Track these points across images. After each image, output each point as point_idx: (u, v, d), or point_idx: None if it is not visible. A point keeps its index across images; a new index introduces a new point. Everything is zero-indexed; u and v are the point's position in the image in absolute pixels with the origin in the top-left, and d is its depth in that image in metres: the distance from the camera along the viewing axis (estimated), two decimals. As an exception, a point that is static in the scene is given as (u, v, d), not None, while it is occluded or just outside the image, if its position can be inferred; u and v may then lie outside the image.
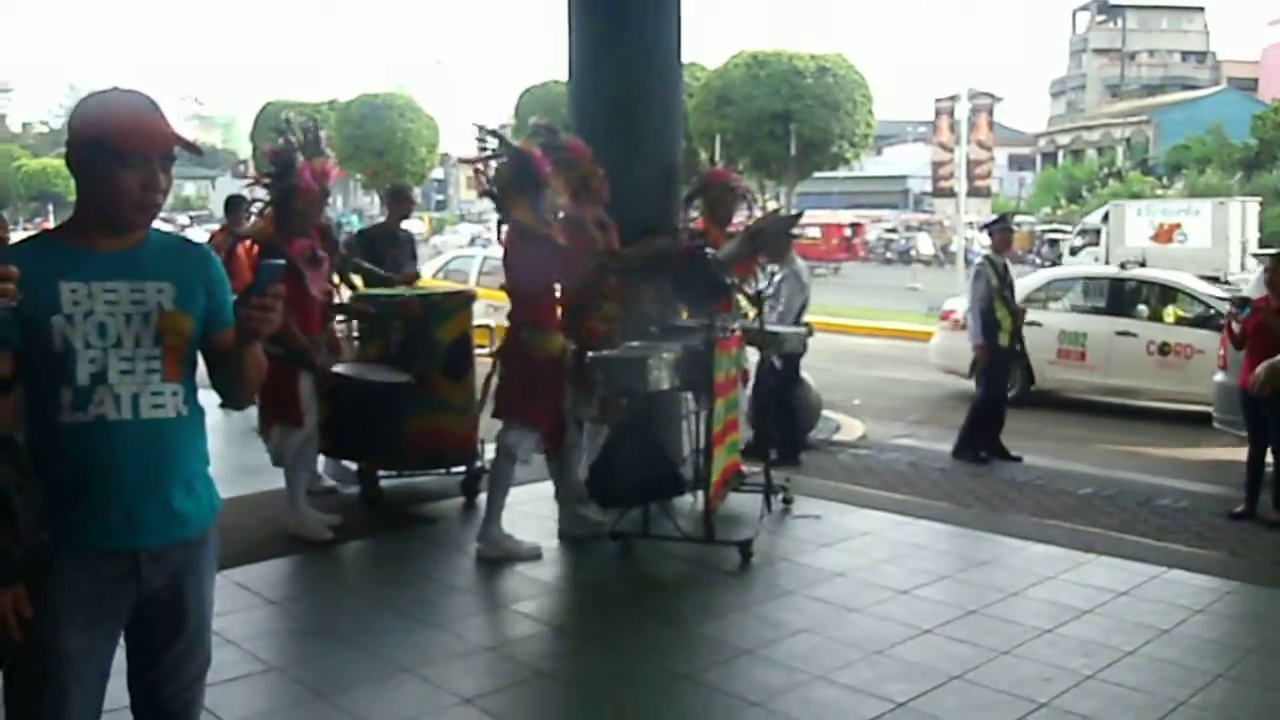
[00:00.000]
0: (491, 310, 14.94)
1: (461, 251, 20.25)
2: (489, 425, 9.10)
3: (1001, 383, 10.29)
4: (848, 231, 44.51)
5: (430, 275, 17.10)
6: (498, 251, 7.34)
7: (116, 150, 2.73)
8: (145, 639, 2.96)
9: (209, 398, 8.56)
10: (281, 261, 3.03)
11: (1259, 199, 35.63)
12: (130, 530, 2.83)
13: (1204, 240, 31.25)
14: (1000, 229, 10.40)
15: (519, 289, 6.65)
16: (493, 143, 6.68)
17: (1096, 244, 33.77)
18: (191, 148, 2.93)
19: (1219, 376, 9.71)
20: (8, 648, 2.76)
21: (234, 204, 11.75)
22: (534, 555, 6.61)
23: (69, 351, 2.75)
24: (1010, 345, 10.13)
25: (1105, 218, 34.21)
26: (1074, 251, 35.45)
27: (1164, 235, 31.03)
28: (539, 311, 6.63)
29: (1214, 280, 30.65)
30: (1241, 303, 8.58)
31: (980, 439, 10.09)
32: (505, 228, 6.65)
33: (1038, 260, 41.61)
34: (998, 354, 10.06)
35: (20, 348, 2.75)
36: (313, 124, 7.81)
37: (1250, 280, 13.06)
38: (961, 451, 10.05)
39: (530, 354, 6.51)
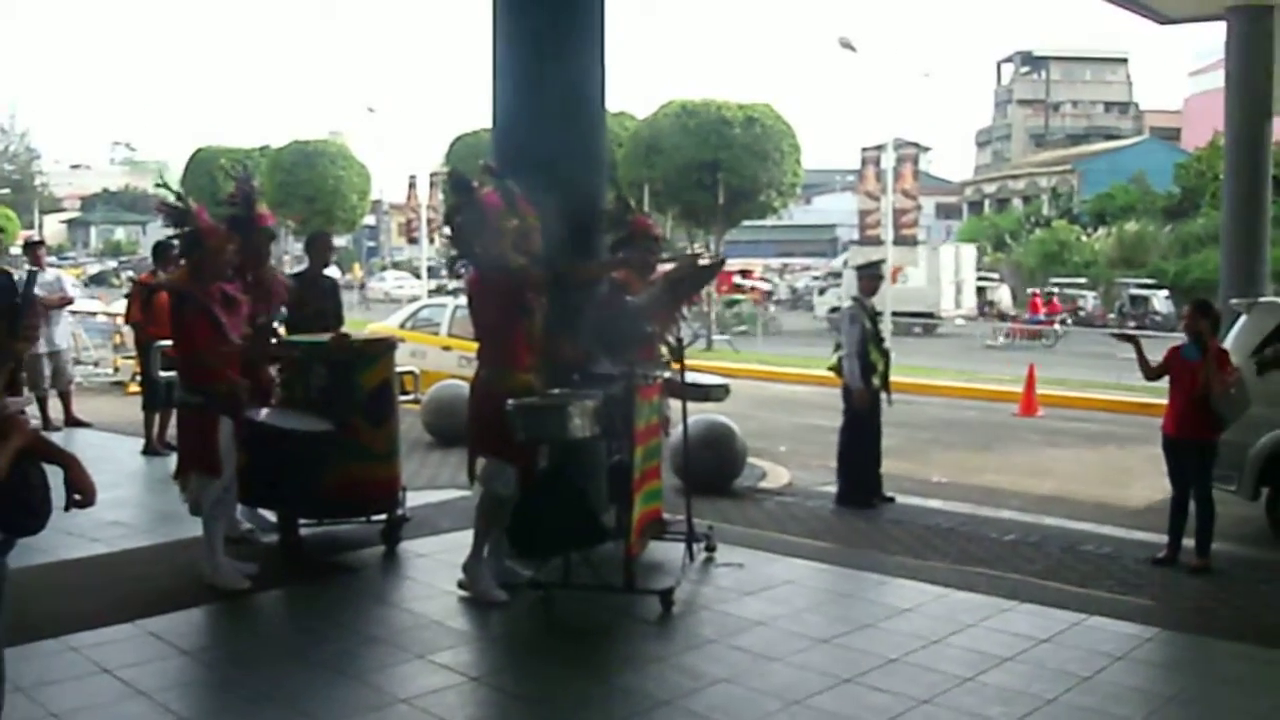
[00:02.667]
0: (464, 362, 14.80)
1: (431, 301, 19.99)
2: (411, 473, 9.07)
3: (875, 424, 10.25)
4: (737, 278, 45.33)
5: (398, 325, 16.98)
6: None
7: None
8: None
9: (130, 445, 8.46)
10: (32, 270, 3.03)
11: (976, 243, 41.47)
12: None
13: (920, 280, 36.43)
14: (870, 273, 10.49)
15: (484, 329, 6.71)
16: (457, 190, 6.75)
17: (839, 285, 38.96)
18: None
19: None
20: None
21: (162, 250, 11.67)
22: (499, 601, 6.60)
23: None
24: (881, 387, 10.18)
25: (845, 262, 39.43)
26: (821, 292, 42.27)
27: (892, 276, 33.22)
28: (503, 351, 6.59)
29: (930, 316, 34.24)
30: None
31: (864, 482, 10.14)
32: (468, 269, 6.68)
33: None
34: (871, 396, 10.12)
35: None
36: (244, 170, 7.84)
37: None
38: (855, 499, 10.07)
39: (494, 392, 6.46)
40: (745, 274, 48.03)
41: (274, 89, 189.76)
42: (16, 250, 11.70)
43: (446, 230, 6.93)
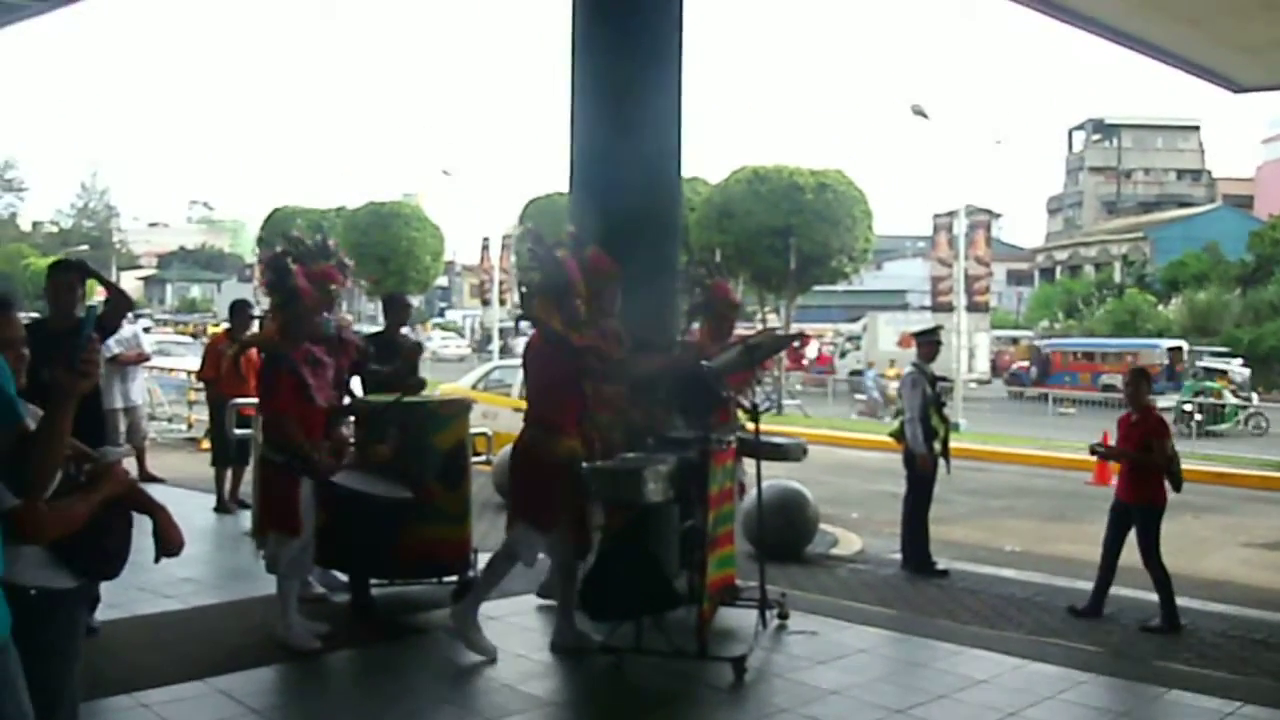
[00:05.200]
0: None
1: (503, 362, 20.10)
2: (482, 534, 9.08)
3: (930, 492, 10.19)
4: (794, 343, 45.07)
5: (470, 386, 17.12)
6: None
7: None
8: None
9: (202, 501, 8.54)
10: (96, 305, 3.05)
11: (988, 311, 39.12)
12: None
13: None
14: (927, 340, 10.47)
15: (537, 390, 6.77)
16: (536, 249, 6.79)
17: (859, 349, 41.63)
18: None
19: None
20: None
21: (239, 309, 11.83)
22: (487, 656, 6.60)
23: None
24: (941, 453, 10.11)
25: (865, 328, 41.88)
26: (843, 354, 43.99)
27: (906, 341, 34.00)
28: (552, 413, 6.64)
29: (944, 379, 33.95)
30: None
31: (923, 548, 10.06)
32: (532, 330, 6.77)
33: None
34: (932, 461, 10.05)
35: None
36: (321, 231, 7.93)
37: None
38: (919, 565, 9.98)
39: (537, 455, 6.52)
40: (802, 339, 47.65)
41: (351, 151, 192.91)
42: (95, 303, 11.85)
43: (522, 288, 6.97)
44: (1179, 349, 36.54)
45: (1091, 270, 64.59)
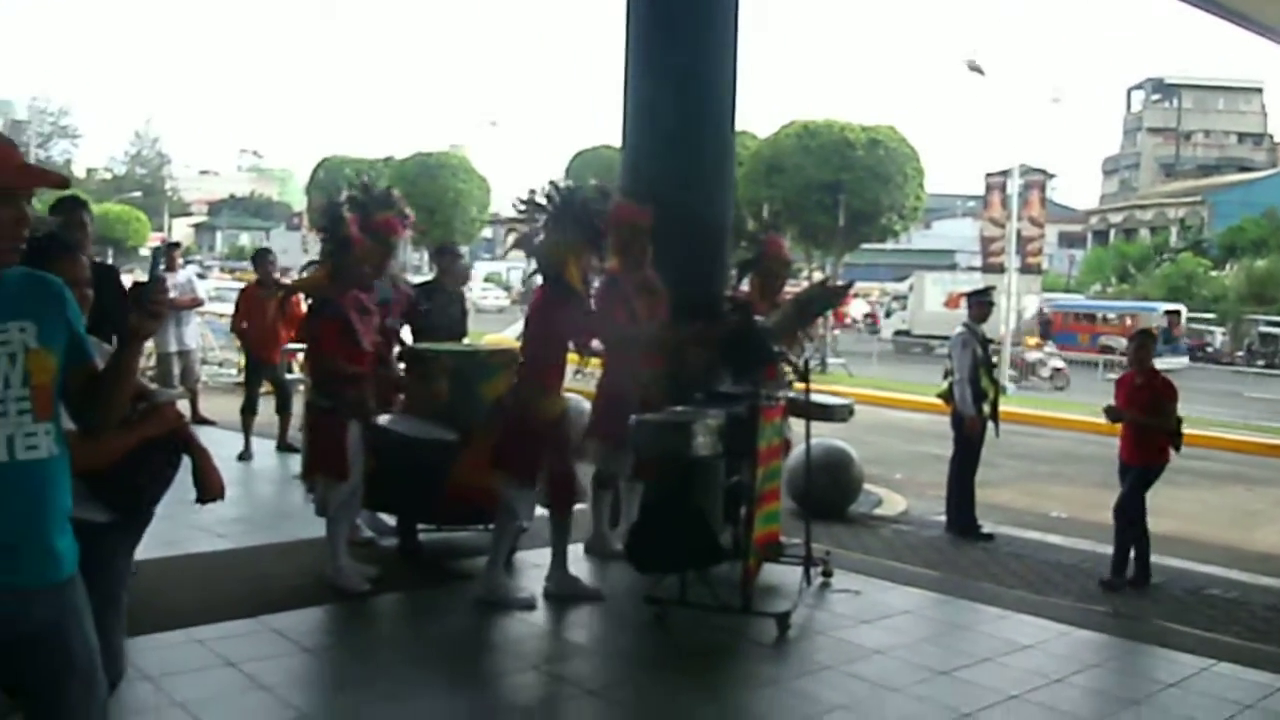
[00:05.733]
0: (577, 376, 14.90)
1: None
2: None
3: (978, 454, 10.10)
4: (846, 295, 44.47)
5: (515, 337, 17.26)
6: None
7: None
8: (38, 687, 2.90)
9: (260, 446, 8.59)
10: (159, 246, 3.07)
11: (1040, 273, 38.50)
12: (9, 570, 2.78)
13: None
14: (979, 300, 10.35)
15: (534, 346, 6.73)
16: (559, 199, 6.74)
17: (904, 308, 40.85)
18: (59, 182, 2.97)
19: None
20: None
21: (260, 257, 11.90)
22: (528, 606, 6.63)
23: None
24: (990, 416, 10.03)
25: (911, 287, 41.38)
26: (888, 314, 43.39)
27: (953, 302, 33.72)
28: (546, 372, 6.66)
29: (992, 342, 33.20)
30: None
31: (969, 512, 9.98)
32: (539, 283, 6.73)
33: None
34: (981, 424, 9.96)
35: None
36: (368, 179, 7.93)
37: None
38: (964, 528, 9.91)
39: (528, 412, 6.54)
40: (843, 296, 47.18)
41: (399, 101, 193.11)
42: (145, 252, 11.93)
43: (538, 238, 6.77)
44: (1177, 313, 36.83)
45: (1147, 234, 63.86)
